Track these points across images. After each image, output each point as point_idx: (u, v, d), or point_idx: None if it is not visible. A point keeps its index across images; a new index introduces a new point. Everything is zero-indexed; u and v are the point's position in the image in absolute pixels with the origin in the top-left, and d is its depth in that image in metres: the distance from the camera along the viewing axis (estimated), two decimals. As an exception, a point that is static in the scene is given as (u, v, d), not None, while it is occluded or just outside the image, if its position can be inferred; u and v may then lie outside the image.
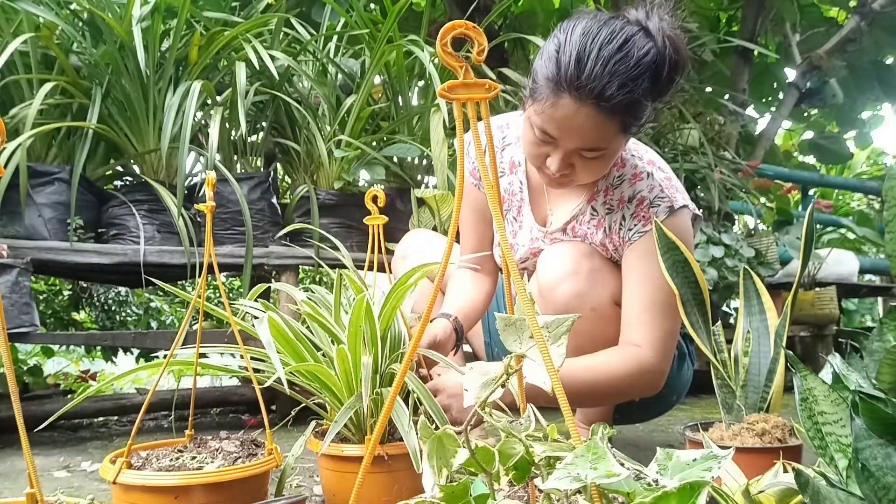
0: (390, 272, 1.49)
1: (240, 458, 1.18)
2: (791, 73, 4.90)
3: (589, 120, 1.18)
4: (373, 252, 1.38)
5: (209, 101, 2.41)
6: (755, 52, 4.44)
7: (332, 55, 2.71)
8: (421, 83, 2.86)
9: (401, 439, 1.12)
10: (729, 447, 0.54)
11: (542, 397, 1.11)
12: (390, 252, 1.69)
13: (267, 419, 1.18)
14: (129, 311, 3.86)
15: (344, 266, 1.35)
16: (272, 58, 2.30)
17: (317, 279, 3.53)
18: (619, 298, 1.38)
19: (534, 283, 1.44)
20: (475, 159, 1.55)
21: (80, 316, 3.85)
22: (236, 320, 1.24)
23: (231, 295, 4.07)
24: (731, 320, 3.45)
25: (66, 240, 2.11)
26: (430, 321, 1.33)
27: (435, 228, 2.41)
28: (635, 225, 1.37)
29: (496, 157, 1.53)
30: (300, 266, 2.52)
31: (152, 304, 4.02)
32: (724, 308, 3.48)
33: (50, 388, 2.77)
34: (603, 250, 1.42)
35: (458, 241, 1.62)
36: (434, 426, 0.61)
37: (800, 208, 4.79)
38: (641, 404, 1.61)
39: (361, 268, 1.51)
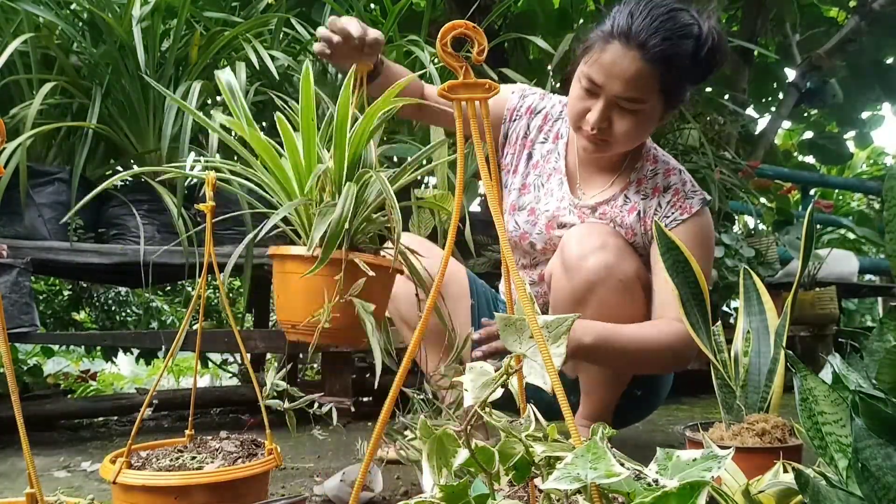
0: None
1: (240, 458, 1.18)
2: (791, 73, 4.90)
3: (633, 65, 1.30)
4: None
5: (209, 101, 2.41)
6: (755, 52, 4.44)
7: (332, 55, 2.71)
8: (421, 83, 2.86)
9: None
10: (729, 447, 0.54)
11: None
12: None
13: (267, 419, 1.18)
14: (129, 311, 3.86)
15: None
16: (272, 58, 2.29)
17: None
18: (642, 276, 1.45)
19: (555, 261, 1.48)
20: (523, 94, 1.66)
21: (80, 316, 3.85)
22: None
23: (231, 295, 4.07)
24: (731, 320, 3.45)
25: (66, 240, 2.11)
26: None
27: (434, 228, 2.41)
28: (672, 212, 1.47)
29: (533, 114, 1.64)
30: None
31: (152, 304, 4.02)
32: (724, 308, 3.48)
33: (50, 388, 2.77)
34: (629, 234, 1.49)
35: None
36: (435, 415, 0.61)
37: (800, 208, 4.79)
38: (643, 403, 1.62)
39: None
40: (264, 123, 2.59)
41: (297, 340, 1.17)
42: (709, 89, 4.26)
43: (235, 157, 1.29)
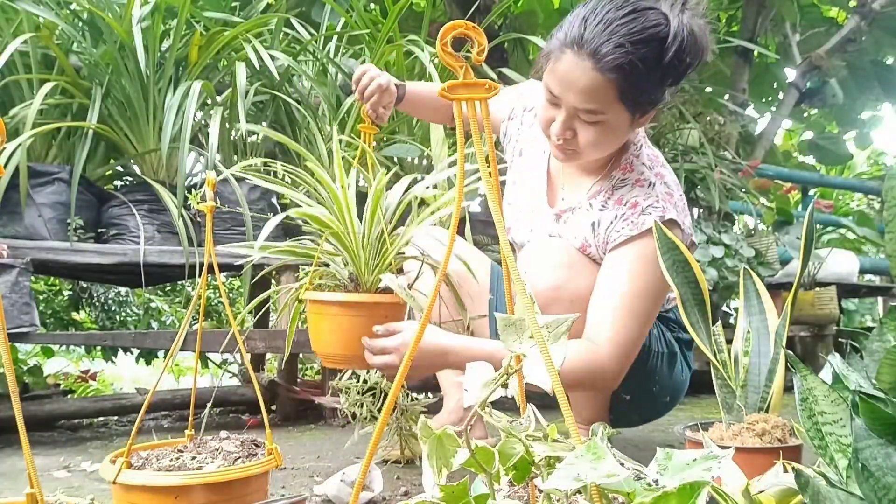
0: None
1: (240, 458, 1.18)
2: (791, 73, 4.90)
3: (585, 76, 1.21)
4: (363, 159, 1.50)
5: (209, 101, 2.41)
6: (755, 52, 4.44)
7: (332, 55, 2.71)
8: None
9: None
10: (729, 447, 0.54)
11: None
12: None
13: (267, 419, 1.18)
14: (129, 311, 3.86)
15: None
16: (272, 58, 2.30)
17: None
18: None
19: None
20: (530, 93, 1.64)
21: (80, 316, 3.85)
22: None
23: (231, 295, 4.07)
24: (731, 320, 3.45)
25: (66, 240, 2.11)
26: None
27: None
28: (622, 228, 1.37)
29: (527, 111, 1.62)
30: (300, 266, 2.51)
31: (152, 305, 4.02)
32: (724, 308, 3.47)
33: (50, 388, 2.76)
34: (585, 247, 1.44)
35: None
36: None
37: (800, 208, 4.79)
38: (635, 407, 1.61)
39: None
40: (263, 123, 2.59)
41: (332, 367, 1.31)
42: (709, 89, 4.26)
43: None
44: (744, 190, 3.32)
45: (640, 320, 1.33)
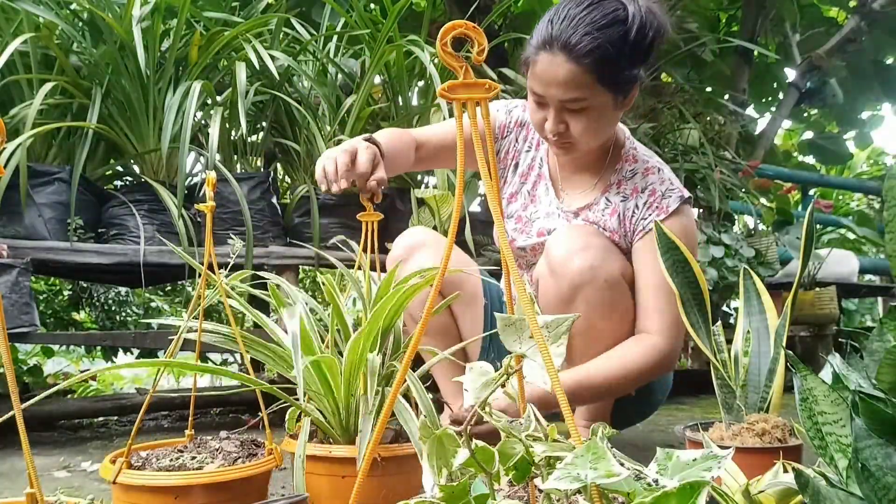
0: (382, 272, 1.47)
1: (240, 458, 1.18)
2: (791, 73, 4.90)
3: (562, 69, 1.31)
4: (365, 251, 1.33)
5: (209, 101, 2.41)
6: (755, 52, 4.44)
7: (332, 55, 2.71)
8: (421, 83, 2.86)
9: (392, 442, 1.13)
10: (729, 447, 0.54)
11: (551, 404, 1.12)
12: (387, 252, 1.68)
13: (267, 419, 1.18)
14: (129, 311, 3.85)
15: (349, 265, 1.35)
16: (272, 58, 2.30)
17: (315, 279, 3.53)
18: (627, 273, 1.45)
19: (542, 264, 1.48)
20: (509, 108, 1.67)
21: (80, 316, 3.85)
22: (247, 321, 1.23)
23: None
24: (731, 320, 3.45)
25: (66, 240, 2.11)
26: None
27: (435, 228, 2.41)
28: (649, 214, 1.47)
29: (520, 127, 1.65)
30: (300, 266, 2.52)
31: (152, 304, 4.02)
32: (724, 308, 3.47)
33: (50, 388, 2.76)
34: (613, 236, 1.50)
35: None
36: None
37: (800, 208, 4.79)
38: (637, 406, 1.63)
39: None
40: (263, 123, 2.59)
41: None
42: (709, 89, 4.26)
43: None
44: (744, 190, 3.33)
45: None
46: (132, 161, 2.44)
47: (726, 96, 4.34)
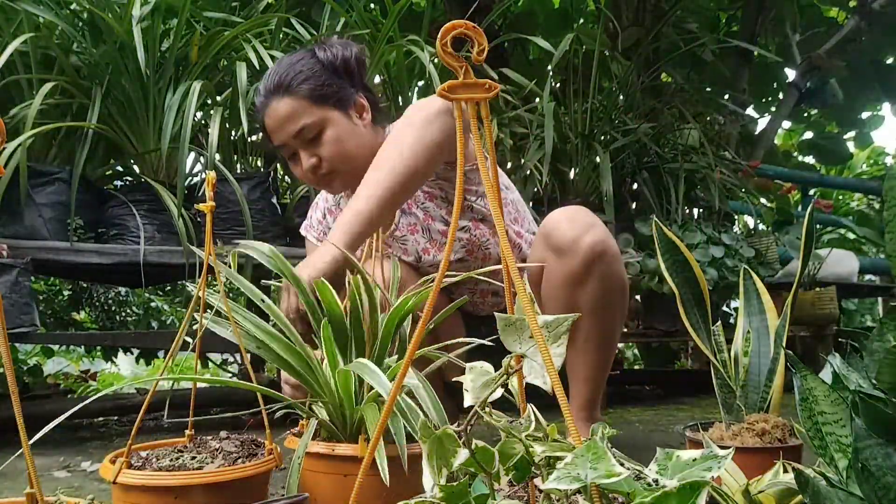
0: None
1: (240, 458, 1.18)
2: (791, 73, 4.90)
3: (278, 108, 1.44)
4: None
5: (209, 101, 2.41)
6: (755, 53, 4.44)
7: (332, 55, 2.71)
8: (421, 83, 2.86)
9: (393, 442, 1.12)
10: (729, 447, 0.54)
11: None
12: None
13: (267, 419, 1.18)
14: (129, 311, 3.85)
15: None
16: (272, 58, 2.30)
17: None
18: None
19: (541, 249, 1.44)
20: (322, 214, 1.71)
21: (80, 316, 3.85)
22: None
23: (231, 295, 4.07)
24: (731, 320, 3.45)
25: (66, 240, 2.11)
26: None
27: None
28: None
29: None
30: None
31: (152, 304, 4.02)
32: (724, 308, 3.47)
33: (50, 388, 2.76)
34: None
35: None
36: (434, 426, 0.61)
37: (800, 208, 4.79)
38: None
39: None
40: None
41: None
42: (709, 89, 4.26)
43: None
44: (744, 190, 3.33)
45: None
46: (132, 161, 2.43)
47: (726, 96, 4.34)
